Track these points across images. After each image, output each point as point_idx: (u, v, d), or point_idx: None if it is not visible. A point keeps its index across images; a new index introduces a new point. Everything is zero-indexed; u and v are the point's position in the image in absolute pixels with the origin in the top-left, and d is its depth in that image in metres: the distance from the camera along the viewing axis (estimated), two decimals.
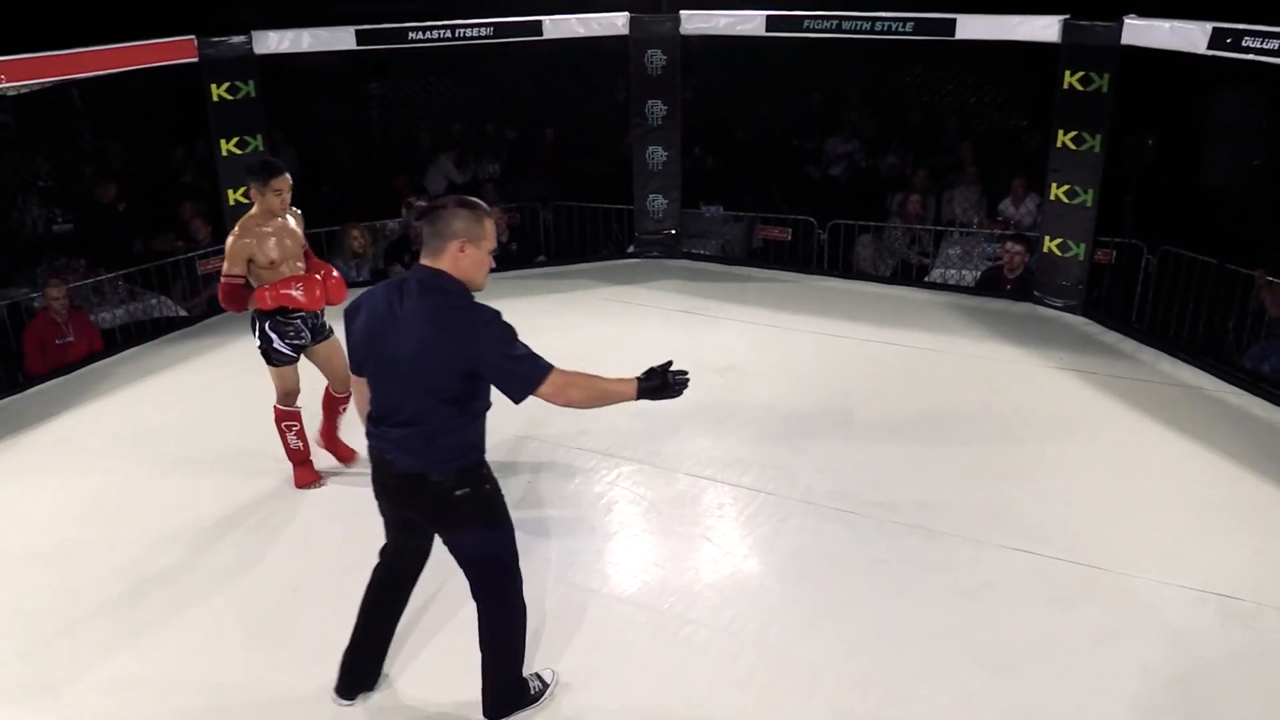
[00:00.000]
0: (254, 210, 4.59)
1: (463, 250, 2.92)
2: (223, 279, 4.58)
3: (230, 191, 7.27)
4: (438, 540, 3.21)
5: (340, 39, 7.28)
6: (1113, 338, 6.65)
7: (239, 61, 7.06)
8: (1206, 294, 6.45)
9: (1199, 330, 6.47)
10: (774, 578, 4.13)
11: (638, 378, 3.10)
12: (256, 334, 4.69)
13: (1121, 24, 6.37)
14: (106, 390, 6.10)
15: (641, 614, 3.92)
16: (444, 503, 3.03)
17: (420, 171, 9.54)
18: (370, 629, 3.41)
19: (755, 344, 6.48)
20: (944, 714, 3.42)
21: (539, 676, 3.49)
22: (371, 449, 3.13)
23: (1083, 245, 6.94)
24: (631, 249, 8.42)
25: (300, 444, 4.83)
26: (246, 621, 3.93)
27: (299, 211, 4.77)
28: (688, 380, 3.12)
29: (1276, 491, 4.74)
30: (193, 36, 6.88)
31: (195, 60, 6.93)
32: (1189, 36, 5.92)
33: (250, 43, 7.06)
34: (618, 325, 6.72)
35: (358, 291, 3.26)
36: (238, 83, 7.08)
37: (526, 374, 2.91)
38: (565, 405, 3.01)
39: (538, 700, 3.42)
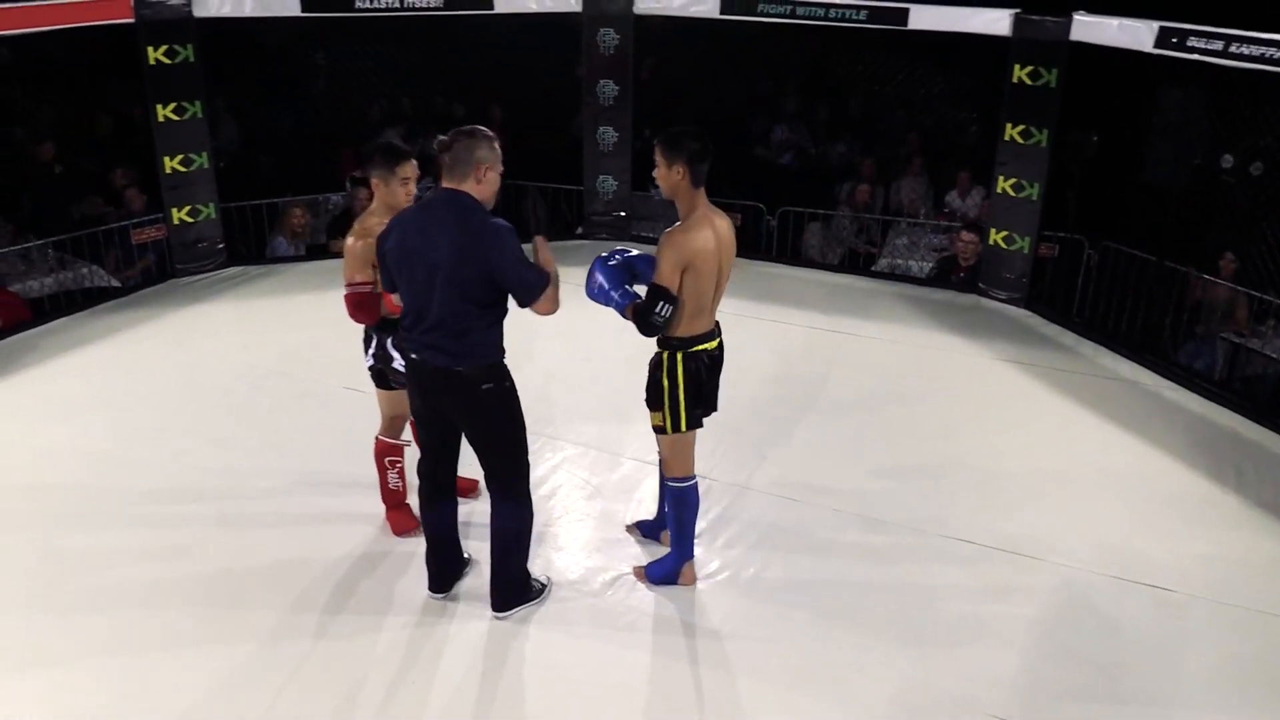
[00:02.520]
0: (373, 205, 3.95)
1: (484, 174, 3.33)
2: (348, 289, 3.86)
3: (166, 159, 7.05)
4: None
5: (284, 4, 7.07)
6: (1054, 330, 6.74)
7: (178, 24, 6.82)
8: (1145, 290, 6.56)
9: (1137, 325, 6.59)
10: (716, 565, 4.12)
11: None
12: (371, 350, 4.05)
13: (1071, 20, 6.43)
14: (31, 362, 5.88)
15: (584, 599, 3.88)
16: (470, 395, 3.42)
17: (366, 144, 9.33)
18: (436, 531, 3.79)
19: None
20: (880, 698, 3.44)
21: (536, 579, 3.85)
22: (405, 353, 3.51)
23: (1027, 239, 7.02)
24: (580, 230, 8.34)
25: (400, 484, 4.24)
26: (175, 597, 3.82)
27: None
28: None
29: (1209, 485, 4.84)
30: None
31: (131, 21, 6.68)
32: (1136, 35, 6.00)
33: (189, 5, 6.82)
34: (564, 306, 6.62)
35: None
36: (176, 46, 6.84)
37: (533, 281, 3.34)
38: (544, 315, 3.44)
39: (539, 598, 3.81)
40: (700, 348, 3.68)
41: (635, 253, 3.81)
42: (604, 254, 3.78)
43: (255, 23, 7.27)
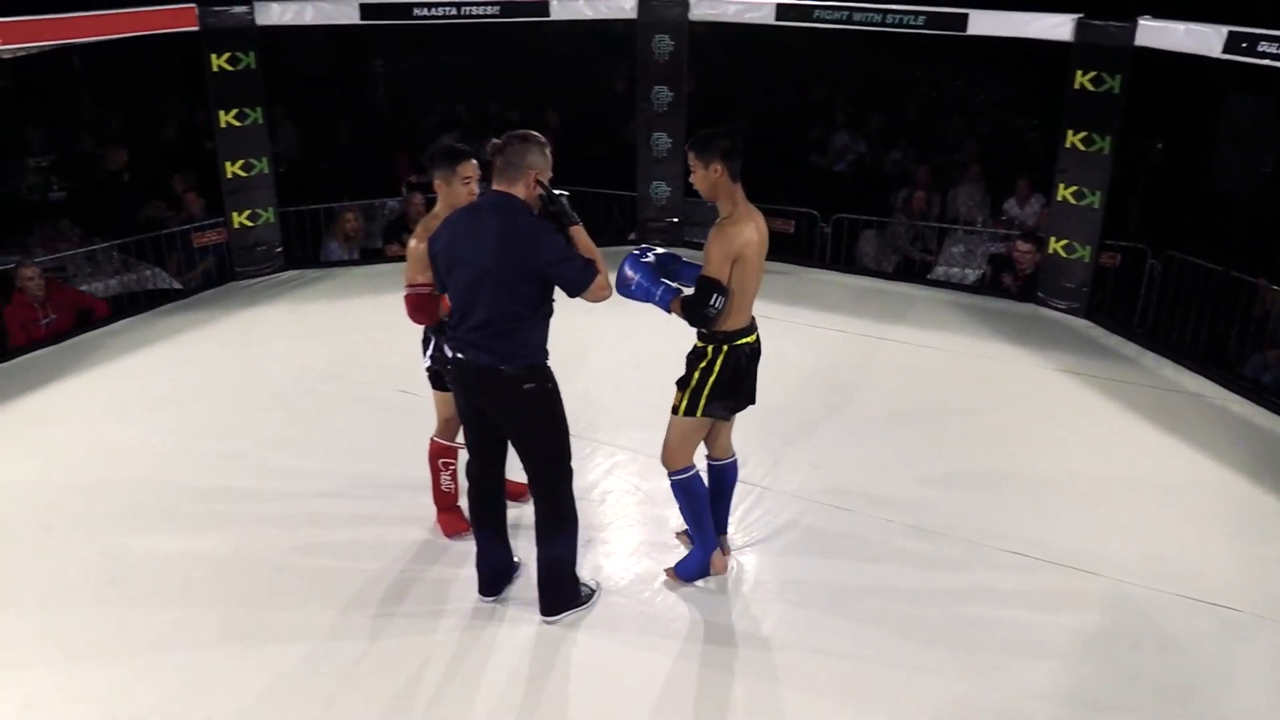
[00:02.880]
0: (437, 207, 3.97)
1: (536, 178, 3.37)
2: (409, 289, 3.87)
3: (228, 164, 7.19)
4: None
5: (344, 12, 7.18)
6: (1115, 341, 6.59)
7: (240, 32, 6.96)
8: (1211, 301, 6.38)
9: (1202, 337, 6.42)
10: (767, 574, 4.08)
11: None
12: (429, 352, 4.09)
13: (1136, 25, 6.29)
14: (95, 362, 6.02)
15: (633, 606, 3.86)
16: (512, 394, 3.44)
17: (423, 150, 9.44)
18: (485, 533, 3.81)
19: None
20: (930, 713, 3.37)
21: (585, 584, 3.85)
22: (451, 352, 3.52)
23: (1088, 247, 6.88)
24: (633, 235, 8.34)
25: (453, 485, 4.27)
26: (231, 595, 3.88)
27: None
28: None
29: (1275, 501, 4.69)
30: (194, 4, 6.77)
31: (196, 29, 6.83)
32: (1204, 40, 5.85)
33: (252, 13, 6.96)
34: (615, 311, 6.63)
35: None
36: (238, 53, 6.99)
37: (581, 271, 3.37)
38: (596, 302, 3.45)
39: (588, 604, 3.81)
40: (742, 341, 3.71)
41: (661, 250, 3.83)
42: (634, 251, 3.79)
43: (318, 30, 7.37)
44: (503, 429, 3.60)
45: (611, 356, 5.88)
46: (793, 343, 6.35)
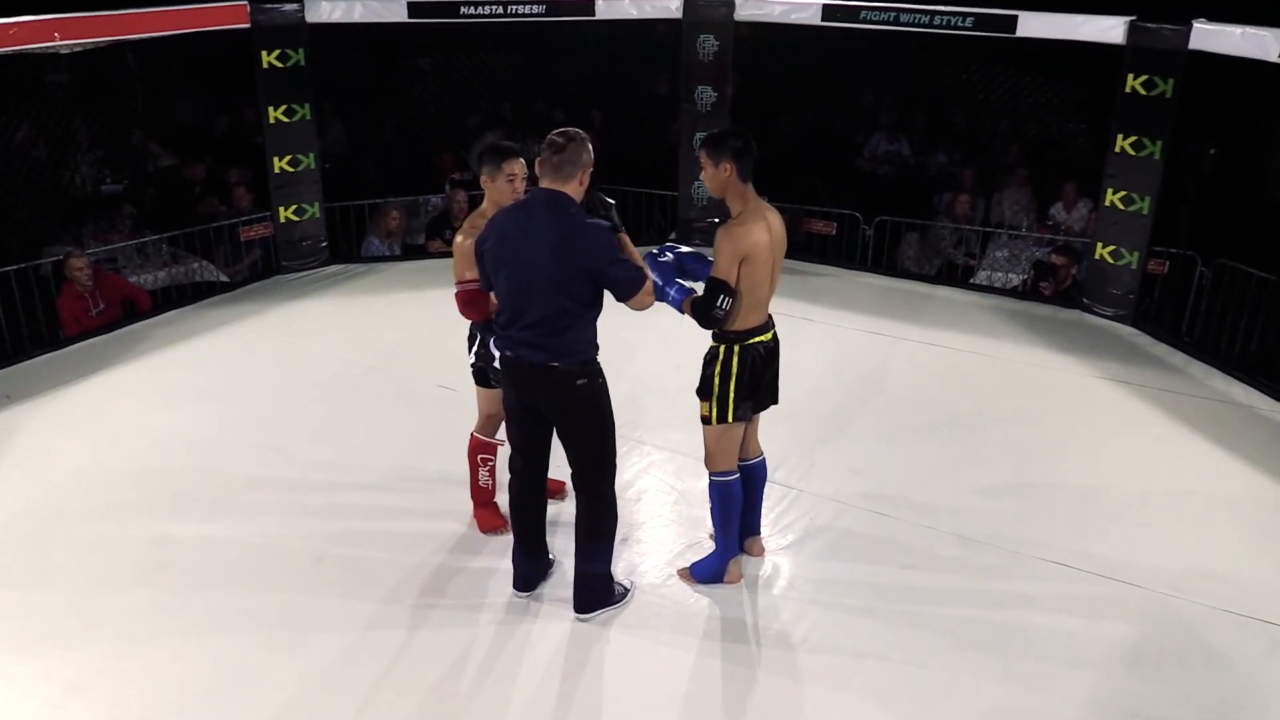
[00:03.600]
0: (483, 205, 3.95)
1: (585, 177, 3.41)
2: (459, 286, 3.88)
3: (276, 159, 7.28)
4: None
5: (392, 10, 7.25)
6: (1162, 350, 6.48)
7: (290, 29, 7.05)
8: (1262, 310, 6.25)
9: (1252, 347, 6.29)
10: (803, 576, 4.06)
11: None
12: (474, 349, 4.09)
13: (1190, 28, 6.19)
14: (142, 352, 6.13)
15: (666, 605, 3.86)
16: (565, 390, 3.46)
17: (466, 148, 9.52)
18: (524, 529, 3.81)
19: (794, 337, 6.31)
20: None
21: (619, 582, 3.86)
22: (501, 350, 3.57)
23: (1136, 254, 6.77)
24: (674, 235, 8.34)
25: (490, 481, 4.29)
26: (272, 584, 3.93)
27: None
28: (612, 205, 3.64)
29: None
30: (245, 2, 6.87)
31: (247, 26, 6.93)
32: (1262, 43, 5.73)
33: (302, 10, 7.05)
34: (656, 311, 6.62)
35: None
36: (288, 50, 7.08)
37: (633, 278, 3.40)
38: (640, 310, 3.51)
39: (622, 602, 3.81)
40: (756, 340, 3.71)
41: (684, 249, 3.83)
42: (654, 250, 3.80)
43: (365, 27, 7.44)
44: (554, 425, 3.62)
45: (655, 357, 5.88)
46: (834, 345, 6.32)
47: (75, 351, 6.13)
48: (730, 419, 3.74)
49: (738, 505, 3.89)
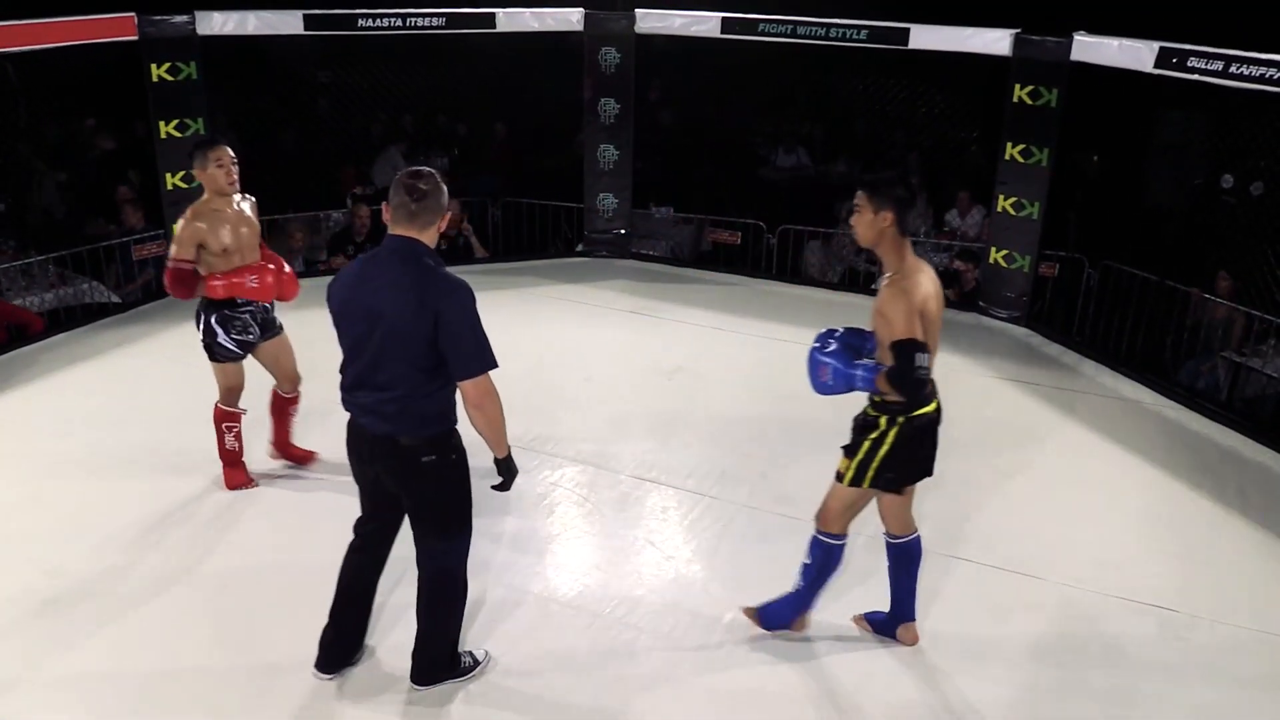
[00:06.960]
0: (205, 194, 4.31)
1: (443, 224, 3.06)
2: (171, 263, 4.25)
3: (168, 175, 7.06)
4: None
5: (287, 22, 7.11)
6: (1055, 350, 6.73)
7: (181, 41, 6.85)
8: (1146, 309, 6.55)
9: (1138, 345, 6.57)
10: (717, 583, 4.09)
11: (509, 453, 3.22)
12: (200, 327, 4.41)
13: (1072, 40, 6.45)
14: (31, 377, 5.87)
15: (581, 618, 3.85)
16: (410, 466, 3.09)
17: (368, 162, 9.38)
18: (348, 604, 3.43)
19: (703, 346, 6.45)
20: (881, 717, 3.40)
21: (471, 654, 3.52)
22: (348, 413, 3.19)
23: (1028, 258, 7.02)
24: (580, 247, 8.34)
25: (236, 445, 4.61)
26: (177, 618, 3.79)
27: (254, 199, 4.52)
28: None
29: (1210, 505, 4.82)
30: (133, 14, 6.65)
31: (135, 39, 6.71)
32: (1137, 55, 6.01)
33: (193, 23, 6.86)
34: (565, 324, 6.64)
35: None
36: (179, 63, 6.87)
37: (475, 354, 2.96)
38: (473, 409, 3.04)
39: (467, 675, 3.46)
40: (921, 411, 3.38)
41: (838, 330, 3.47)
42: (814, 345, 3.41)
43: (263, 41, 7.28)
44: (399, 496, 3.24)
45: (562, 370, 5.86)
46: (742, 353, 6.39)
47: None
48: (865, 485, 3.45)
49: (834, 572, 3.60)
